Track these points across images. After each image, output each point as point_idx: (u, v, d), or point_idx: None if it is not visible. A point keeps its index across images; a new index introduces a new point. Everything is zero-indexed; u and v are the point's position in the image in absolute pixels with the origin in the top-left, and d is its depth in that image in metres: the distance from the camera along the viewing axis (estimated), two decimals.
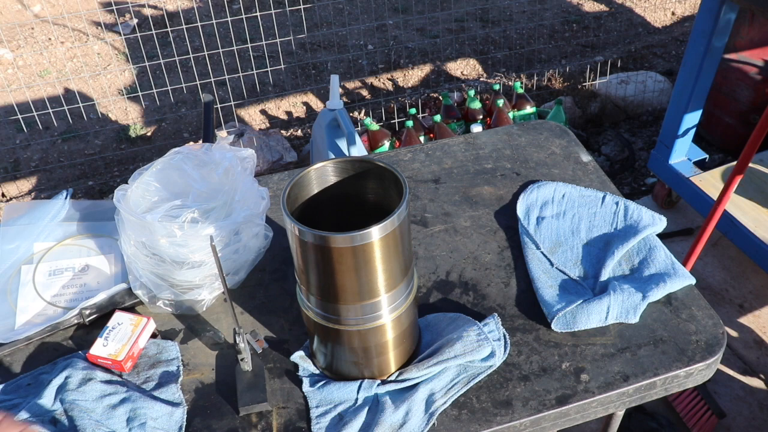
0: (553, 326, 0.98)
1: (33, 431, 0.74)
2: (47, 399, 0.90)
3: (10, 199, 2.88)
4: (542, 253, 1.11)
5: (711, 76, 2.16)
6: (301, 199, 0.89)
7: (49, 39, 3.86)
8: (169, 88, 2.97)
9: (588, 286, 1.05)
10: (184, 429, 0.89)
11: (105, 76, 3.52)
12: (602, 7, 4.07)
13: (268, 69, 3.06)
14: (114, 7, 3.27)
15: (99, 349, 0.96)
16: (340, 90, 3.13)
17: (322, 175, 0.91)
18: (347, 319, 0.85)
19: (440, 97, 3.06)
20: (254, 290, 1.09)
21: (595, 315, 0.98)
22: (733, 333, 2.09)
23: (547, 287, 1.04)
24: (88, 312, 1.04)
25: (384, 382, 0.92)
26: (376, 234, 0.76)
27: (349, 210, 0.95)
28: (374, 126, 2.79)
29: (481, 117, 2.88)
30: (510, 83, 3.26)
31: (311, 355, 0.97)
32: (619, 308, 0.98)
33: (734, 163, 1.78)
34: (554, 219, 1.17)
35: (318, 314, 0.86)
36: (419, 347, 0.97)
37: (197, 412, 0.92)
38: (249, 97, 3.33)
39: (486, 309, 1.03)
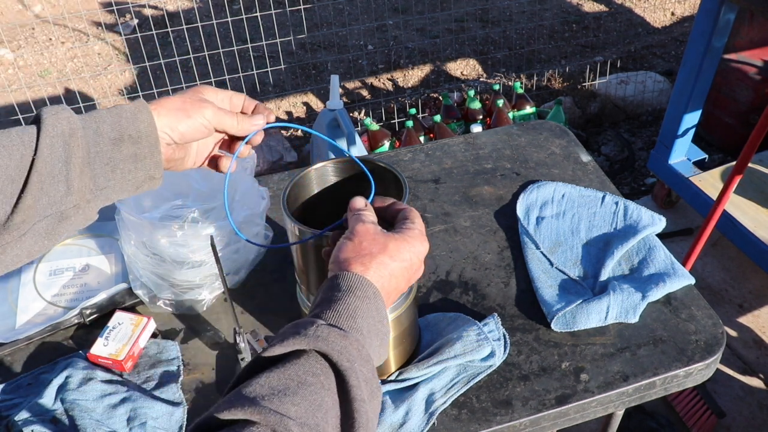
0: (552, 326, 0.98)
1: None
2: (47, 399, 0.90)
3: None
4: (542, 253, 1.11)
5: (710, 76, 2.16)
6: (301, 199, 0.89)
7: (50, 39, 3.87)
8: (169, 88, 2.97)
9: (588, 286, 1.05)
10: (184, 428, 0.90)
11: (105, 77, 3.52)
12: (602, 8, 4.07)
13: (269, 69, 3.06)
14: (114, 8, 3.27)
15: (99, 348, 0.96)
16: (340, 90, 3.13)
17: (322, 175, 0.92)
18: None
19: (440, 97, 3.06)
20: (254, 290, 1.10)
21: (594, 315, 0.98)
22: (733, 333, 2.09)
23: (546, 287, 1.04)
24: (88, 312, 1.04)
25: (384, 382, 0.92)
26: None
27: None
28: (374, 126, 2.79)
29: (481, 117, 2.88)
30: (510, 83, 3.26)
31: None
32: (619, 308, 0.99)
33: (734, 163, 1.78)
34: (554, 219, 1.18)
35: None
36: (419, 347, 0.97)
37: (198, 412, 0.92)
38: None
39: (486, 309, 1.03)
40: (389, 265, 0.66)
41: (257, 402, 0.48)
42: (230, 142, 0.83)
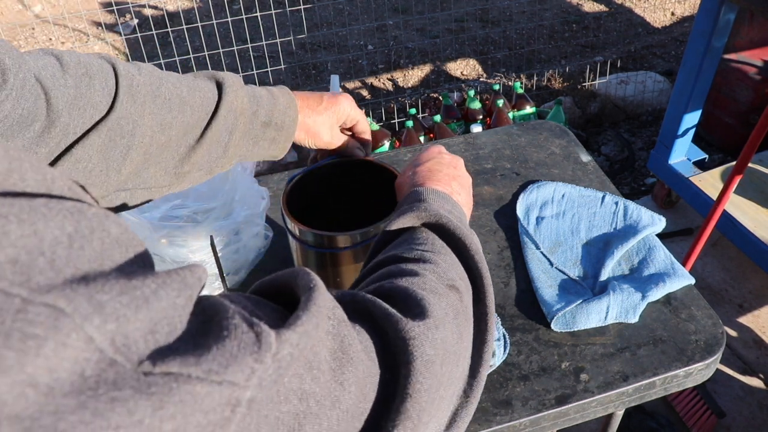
0: (552, 326, 0.98)
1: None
2: None
3: None
4: (542, 253, 1.11)
5: (710, 76, 2.16)
6: (301, 199, 0.89)
7: (50, 39, 3.87)
8: None
9: (587, 286, 1.05)
10: None
11: None
12: (602, 8, 4.07)
13: (269, 69, 3.06)
14: (114, 8, 3.27)
15: None
16: (340, 90, 3.13)
17: (322, 175, 0.92)
18: None
19: (440, 97, 3.06)
20: None
21: (594, 315, 0.98)
22: (733, 333, 2.09)
23: (546, 287, 1.04)
24: None
25: None
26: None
27: (349, 210, 0.95)
28: (374, 126, 2.79)
29: (480, 117, 2.88)
30: (510, 83, 3.26)
31: None
32: (619, 308, 0.99)
33: (734, 163, 1.78)
34: (554, 219, 1.18)
35: None
36: None
37: None
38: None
39: None
40: (419, 166, 0.78)
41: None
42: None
